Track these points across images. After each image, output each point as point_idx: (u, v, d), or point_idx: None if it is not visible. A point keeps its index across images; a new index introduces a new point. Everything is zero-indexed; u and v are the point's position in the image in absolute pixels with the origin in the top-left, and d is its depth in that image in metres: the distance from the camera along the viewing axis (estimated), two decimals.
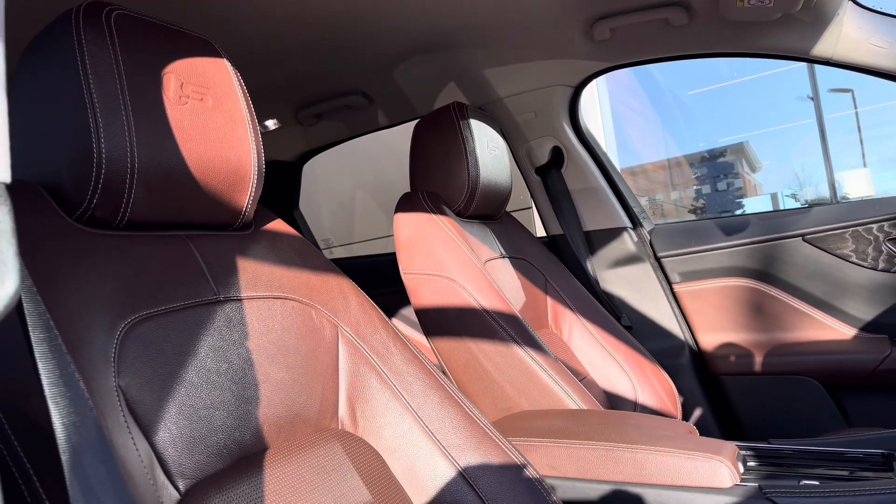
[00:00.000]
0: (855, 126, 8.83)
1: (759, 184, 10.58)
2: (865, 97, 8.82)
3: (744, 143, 10.98)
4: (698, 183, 9.55)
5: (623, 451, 0.95)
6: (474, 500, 0.90)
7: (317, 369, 0.89)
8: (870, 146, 8.91)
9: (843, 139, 9.21)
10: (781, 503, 0.84)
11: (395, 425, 0.93)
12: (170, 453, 0.68)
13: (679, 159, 9.97)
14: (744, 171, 10.53)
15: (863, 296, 1.65)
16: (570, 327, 1.67)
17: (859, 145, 8.90)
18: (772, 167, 10.45)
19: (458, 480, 0.91)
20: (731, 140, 10.74)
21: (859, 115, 8.95)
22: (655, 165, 9.21)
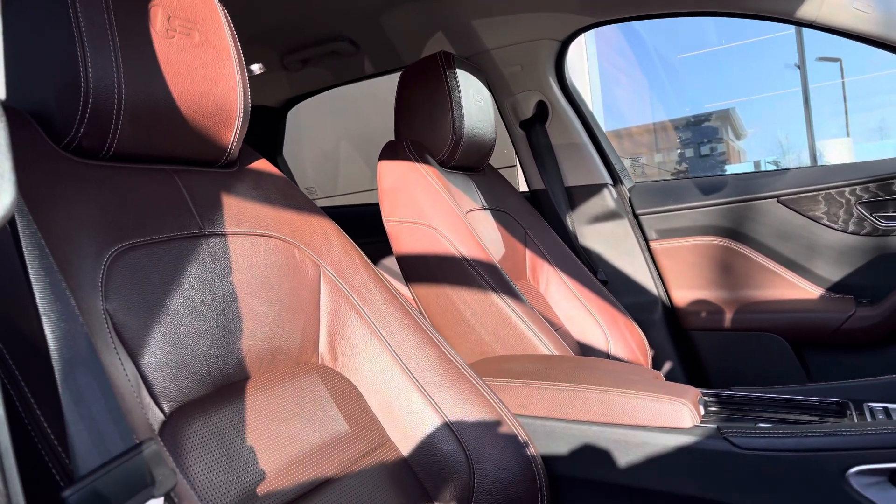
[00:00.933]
0: (841, 96, 8.86)
1: (743, 151, 10.63)
2: (854, 67, 8.84)
3: (730, 110, 10.98)
4: (682, 147, 9.58)
5: (591, 392, 0.99)
6: (447, 433, 0.94)
7: (298, 306, 0.92)
8: (854, 116, 8.95)
9: (829, 109, 9.24)
10: (736, 442, 0.89)
11: (374, 362, 0.96)
12: (155, 377, 0.71)
13: (665, 123, 9.96)
14: (728, 138, 10.56)
15: (831, 257, 1.70)
16: (547, 280, 1.71)
17: (844, 115, 8.95)
18: (757, 135, 10.49)
19: (432, 415, 0.95)
20: (717, 106, 10.74)
21: (846, 85, 8.98)
22: (641, 129, 9.21)
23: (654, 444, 0.93)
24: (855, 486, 0.82)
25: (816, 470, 0.84)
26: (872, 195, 1.63)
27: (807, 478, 0.84)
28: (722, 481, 0.89)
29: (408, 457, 0.93)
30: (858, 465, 0.82)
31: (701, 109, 10.25)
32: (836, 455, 0.83)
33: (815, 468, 0.84)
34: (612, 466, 0.96)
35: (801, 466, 0.85)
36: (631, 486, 0.94)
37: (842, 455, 0.82)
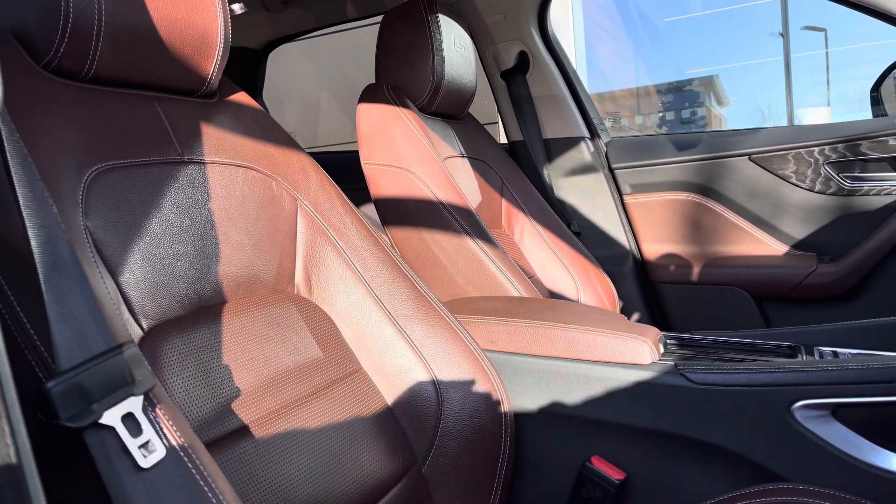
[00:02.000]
0: (825, 66, 8.90)
1: (724, 118, 10.66)
2: (839, 38, 8.85)
3: (713, 77, 10.98)
4: (664, 112, 9.60)
5: (556, 329, 1.03)
6: (418, 363, 0.98)
7: (275, 238, 0.94)
8: (836, 86, 9.00)
9: (812, 78, 9.27)
10: (691, 377, 0.93)
11: (348, 294, 0.99)
12: (133, 294, 0.73)
13: (648, 88, 9.94)
14: (710, 105, 10.59)
15: (797, 215, 1.75)
16: (521, 229, 1.74)
17: (826, 86, 9.00)
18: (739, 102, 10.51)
19: (404, 346, 0.98)
20: (700, 72, 10.71)
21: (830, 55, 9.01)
22: (625, 92, 9.19)
23: (614, 379, 0.98)
24: (799, 418, 0.87)
25: (764, 403, 0.89)
26: (840, 155, 1.68)
27: (756, 411, 0.89)
28: (678, 414, 0.94)
29: (379, 385, 0.97)
30: (803, 400, 0.87)
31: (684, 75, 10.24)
32: (782, 390, 0.88)
33: (764, 402, 0.89)
34: (574, 399, 1.00)
35: (750, 400, 0.90)
36: (591, 419, 0.99)
37: (788, 390, 0.87)
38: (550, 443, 1.03)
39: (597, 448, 1.00)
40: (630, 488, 0.98)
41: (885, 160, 1.64)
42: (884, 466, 0.83)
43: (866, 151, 1.65)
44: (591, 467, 0.98)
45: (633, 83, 9.43)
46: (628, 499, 0.99)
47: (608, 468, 0.97)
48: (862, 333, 1.10)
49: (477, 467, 0.96)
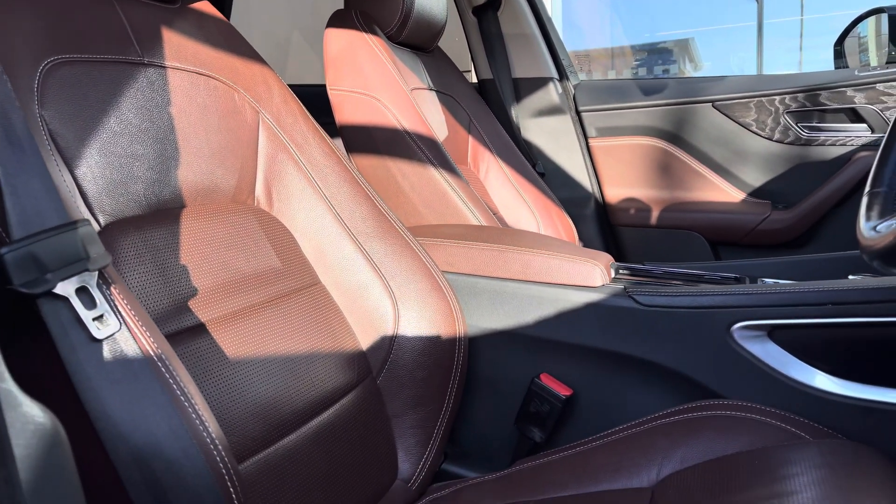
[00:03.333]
0: (798, 32, 8.95)
1: None
2: (815, 5, 8.86)
3: (689, 40, 10.94)
4: (637, 72, 9.58)
5: (512, 252, 1.06)
6: (376, 279, 1.00)
7: (237, 149, 0.94)
8: (808, 53, 9.06)
9: (784, 45, 9.29)
10: (639, 299, 0.97)
11: (309, 210, 1.00)
12: (90, 189, 0.73)
13: (624, 48, 9.88)
14: (685, 68, 10.59)
15: (756, 163, 1.79)
16: (487, 167, 1.75)
17: (798, 51, 9.05)
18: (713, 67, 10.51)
19: (363, 262, 1.00)
20: (677, 34, 10.68)
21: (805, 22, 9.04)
22: (600, 51, 9.13)
23: (566, 300, 1.01)
24: (737, 339, 0.91)
25: (706, 324, 0.93)
26: (800, 105, 1.72)
27: (698, 331, 0.93)
28: (625, 334, 0.98)
29: (337, 300, 0.99)
30: (742, 322, 0.91)
31: (660, 37, 10.19)
32: (723, 312, 0.92)
33: (705, 323, 0.93)
34: (526, 320, 1.03)
35: (693, 321, 0.94)
36: (542, 338, 1.03)
37: (728, 312, 0.92)
38: (502, 360, 1.06)
39: (546, 366, 1.04)
40: (576, 404, 1.03)
41: (842, 111, 1.68)
42: (811, 384, 0.88)
43: (825, 102, 1.69)
44: (540, 383, 1.01)
45: (609, 43, 9.37)
46: (574, 414, 1.03)
47: (556, 385, 1.01)
48: (802, 267, 1.15)
49: (430, 381, 1.00)
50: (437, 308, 1.01)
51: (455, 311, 1.02)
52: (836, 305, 0.85)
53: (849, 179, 1.65)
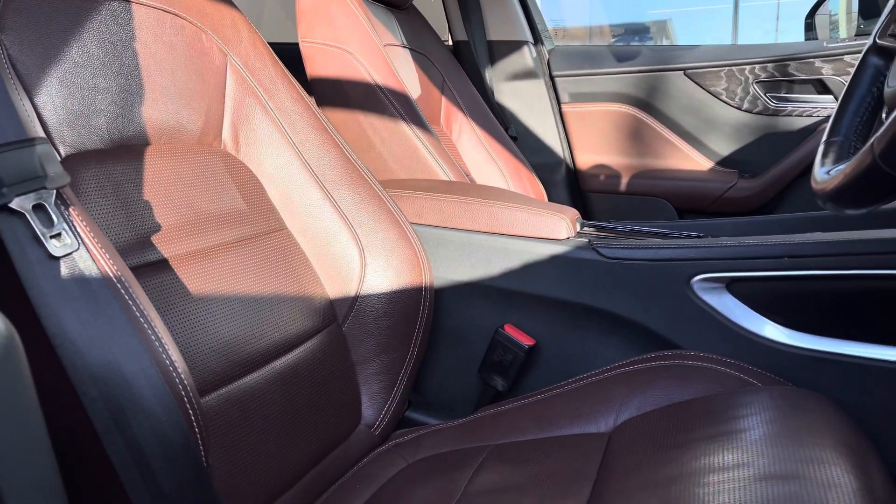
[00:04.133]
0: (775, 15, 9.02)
1: None
2: None
3: (667, 21, 10.95)
4: None
5: (479, 204, 1.06)
6: (343, 227, 1.00)
7: (203, 91, 0.93)
8: (782, 35, 9.15)
9: (760, 27, 9.36)
10: (603, 252, 0.99)
11: (276, 156, 0.99)
12: (51, 119, 0.72)
13: (603, 27, 9.87)
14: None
15: (724, 132, 1.82)
16: (460, 129, 1.75)
17: (774, 33, 9.13)
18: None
19: (330, 210, 1.00)
20: (656, 15, 10.68)
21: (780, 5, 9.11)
22: (579, 29, 9.11)
23: (531, 252, 1.02)
24: (697, 291, 0.94)
25: (667, 276, 0.95)
26: (769, 75, 1.74)
27: (658, 283, 0.95)
28: (588, 286, 0.99)
29: (304, 247, 0.99)
30: (701, 274, 0.93)
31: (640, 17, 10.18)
32: (683, 264, 0.94)
33: (666, 275, 0.95)
34: (492, 271, 1.04)
35: (654, 273, 0.95)
36: (507, 289, 1.04)
37: (688, 264, 0.93)
38: (467, 311, 1.07)
39: (510, 317, 1.05)
40: (538, 354, 1.05)
41: (810, 82, 1.71)
42: (765, 335, 0.91)
43: (794, 73, 1.71)
44: (504, 333, 1.03)
45: (588, 21, 9.34)
46: (536, 364, 1.05)
47: (519, 335, 1.03)
48: (765, 227, 1.17)
49: (395, 329, 1.00)
50: (404, 257, 1.01)
51: (422, 261, 1.03)
52: (792, 258, 0.87)
53: (813, 149, 1.68)
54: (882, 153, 0.48)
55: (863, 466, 0.62)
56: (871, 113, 0.68)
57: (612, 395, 0.91)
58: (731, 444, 0.69)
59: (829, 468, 0.61)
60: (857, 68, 0.72)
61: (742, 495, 0.59)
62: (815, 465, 0.61)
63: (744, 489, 0.60)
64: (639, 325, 0.97)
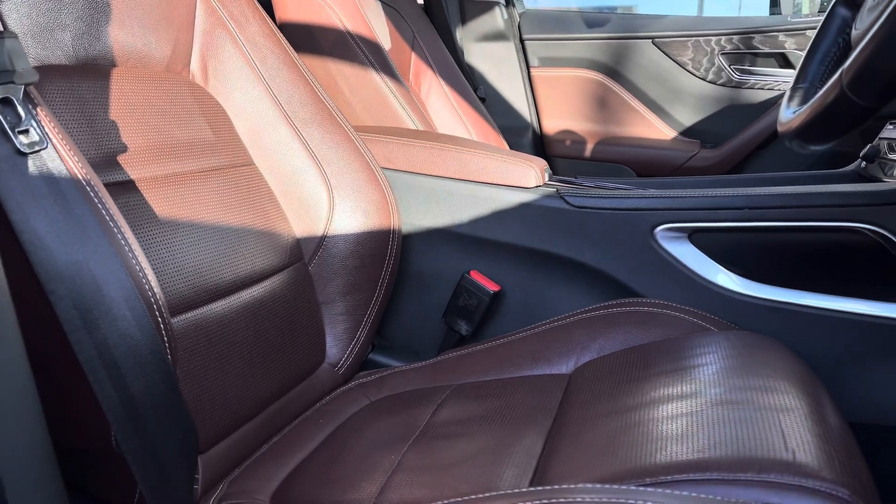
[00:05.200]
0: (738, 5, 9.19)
1: None
2: None
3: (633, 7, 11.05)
4: None
5: (449, 150, 1.06)
6: (312, 166, 0.99)
7: (172, 17, 0.90)
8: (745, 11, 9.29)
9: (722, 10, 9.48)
10: (570, 200, 1.00)
11: (246, 90, 0.98)
12: (15, 28, 0.69)
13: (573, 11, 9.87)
14: None
15: (689, 102, 1.85)
16: (429, 87, 1.74)
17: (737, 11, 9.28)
18: None
19: (299, 148, 0.99)
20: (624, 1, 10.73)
21: None
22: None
23: (500, 200, 1.03)
24: (660, 240, 0.96)
25: (632, 226, 0.97)
26: (734, 47, 1.77)
27: (623, 232, 0.97)
28: (554, 235, 1.00)
29: (272, 184, 0.98)
30: (664, 224, 0.95)
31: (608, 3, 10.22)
32: (647, 214, 0.96)
33: (631, 224, 0.97)
34: (461, 218, 1.05)
35: (619, 222, 0.97)
36: (475, 236, 1.05)
37: (653, 214, 0.95)
38: (434, 257, 1.08)
39: (476, 264, 1.06)
40: (503, 300, 1.06)
41: (773, 56, 1.75)
42: (724, 285, 0.94)
43: (758, 46, 1.75)
44: (470, 279, 1.04)
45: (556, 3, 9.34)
46: (500, 310, 1.06)
47: (485, 280, 1.04)
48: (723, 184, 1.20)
49: (362, 270, 1.00)
50: (373, 199, 1.01)
51: (391, 204, 1.03)
52: (752, 210, 0.90)
53: (773, 122, 1.72)
54: (850, 83, 0.50)
55: (814, 395, 0.65)
56: (837, 61, 0.70)
57: (573, 339, 0.93)
58: (687, 377, 0.71)
59: (782, 396, 0.63)
60: (825, 19, 0.74)
61: (698, 419, 0.61)
62: (768, 393, 0.64)
63: (700, 413, 0.62)
64: (602, 273, 0.99)
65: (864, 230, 0.85)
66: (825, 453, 0.54)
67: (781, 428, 0.57)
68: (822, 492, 0.49)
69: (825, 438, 0.56)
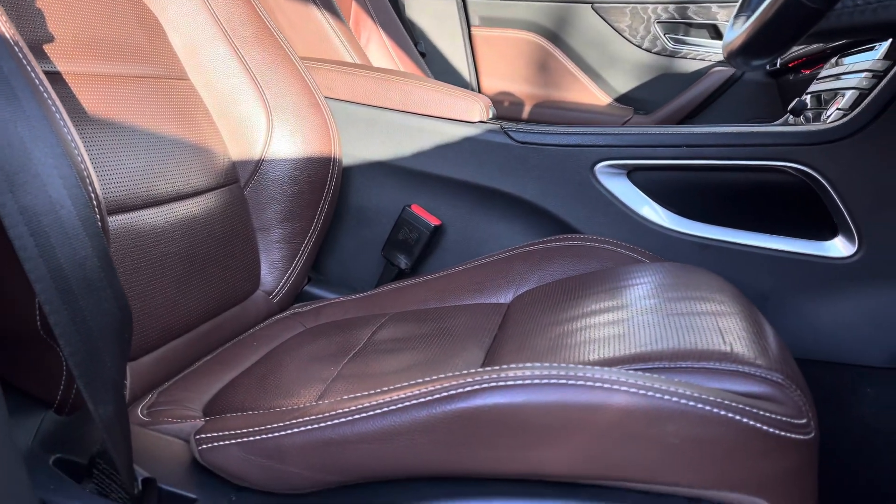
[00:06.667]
0: None
1: None
2: None
3: None
4: None
5: (393, 81, 1.05)
6: (251, 86, 0.95)
7: None
8: None
9: None
10: (514, 136, 1.00)
11: (182, 3, 0.93)
12: None
13: None
14: None
15: (624, 69, 1.88)
16: (368, 36, 1.71)
17: None
18: None
19: (238, 67, 0.95)
20: None
21: None
22: None
23: (444, 133, 1.02)
24: (599, 177, 0.97)
25: (573, 162, 0.98)
26: (670, 16, 1.81)
27: (565, 168, 0.98)
28: (497, 170, 1.00)
29: (208, 103, 0.94)
30: (604, 161, 0.97)
31: None
32: (588, 150, 0.97)
33: (573, 160, 0.98)
34: (403, 151, 1.04)
35: (561, 157, 0.98)
36: (417, 170, 1.04)
37: (594, 150, 0.97)
38: (374, 190, 1.06)
39: (417, 198, 1.05)
40: (443, 235, 1.05)
41: (705, 27, 1.80)
42: (660, 222, 0.96)
43: (692, 16, 1.80)
44: (411, 212, 1.03)
45: None
46: (440, 245, 1.06)
47: (426, 215, 1.03)
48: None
49: (301, 197, 0.98)
50: (314, 124, 0.98)
51: (332, 131, 1.00)
52: (689, 147, 0.92)
53: (703, 91, 1.78)
54: None
55: (748, 306, 0.67)
56: None
57: (512, 270, 0.94)
58: (625, 293, 0.73)
59: (718, 304, 0.65)
60: None
61: (638, 322, 0.62)
62: (704, 302, 0.66)
63: (640, 318, 0.63)
64: (542, 209, 1.00)
65: (792, 169, 0.89)
66: (760, 346, 0.56)
67: (718, 327, 0.59)
68: (757, 376, 0.51)
69: (760, 335, 0.58)
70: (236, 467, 0.53)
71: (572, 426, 0.47)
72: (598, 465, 0.47)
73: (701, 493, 0.47)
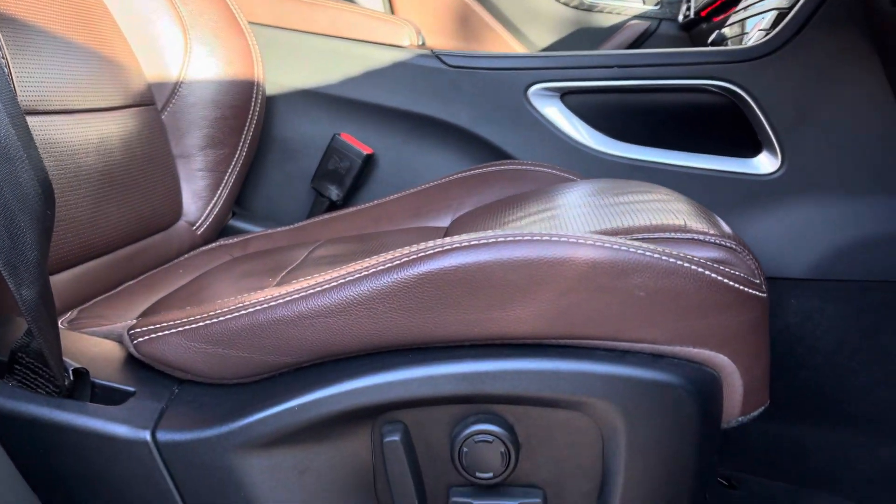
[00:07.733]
0: None
1: None
2: None
3: None
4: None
5: (319, 4, 1.00)
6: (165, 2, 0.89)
7: None
8: None
9: None
10: (446, 60, 0.98)
11: None
12: None
13: None
14: None
15: (543, 23, 1.89)
16: None
17: None
18: None
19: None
20: None
21: None
22: None
23: (373, 59, 0.99)
24: (532, 101, 0.96)
25: (506, 85, 0.96)
26: None
27: (499, 92, 0.97)
28: (429, 96, 0.98)
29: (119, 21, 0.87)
30: (537, 84, 0.96)
31: None
32: (521, 73, 0.96)
33: (505, 83, 0.96)
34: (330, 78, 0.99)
35: (494, 81, 0.97)
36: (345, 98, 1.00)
37: (527, 73, 0.96)
38: (301, 119, 1.02)
39: (347, 127, 1.01)
40: (375, 165, 1.02)
41: None
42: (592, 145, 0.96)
43: None
44: (341, 140, 0.99)
45: None
46: (373, 175, 1.03)
47: (357, 143, 0.99)
48: None
49: (223, 123, 0.92)
50: (235, 46, 0.93)
51: (254, 52, 0.95)
52: (621, 68, 0.93)
53: (618, 45, 1.80)
54: None
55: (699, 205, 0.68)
56: None
57: (448, 196, 0.92)
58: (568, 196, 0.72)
59: (664, 195, 0.66)
60: None
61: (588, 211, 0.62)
62: (650, 194, 0.66)
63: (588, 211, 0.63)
64: (475, 136, 0.99)
65: (719, 88, 0.91)
66: (711, 220, 0.56)
67: (670, 209, 0.59)
68: (712, 243, 0.52)
69: (710, 215, 0.59)
70: (177, 357, 0.48)
71: (538, 281, 0.45)
72: (563, 324, 0.46)
73: (664, 349, 0.47)
